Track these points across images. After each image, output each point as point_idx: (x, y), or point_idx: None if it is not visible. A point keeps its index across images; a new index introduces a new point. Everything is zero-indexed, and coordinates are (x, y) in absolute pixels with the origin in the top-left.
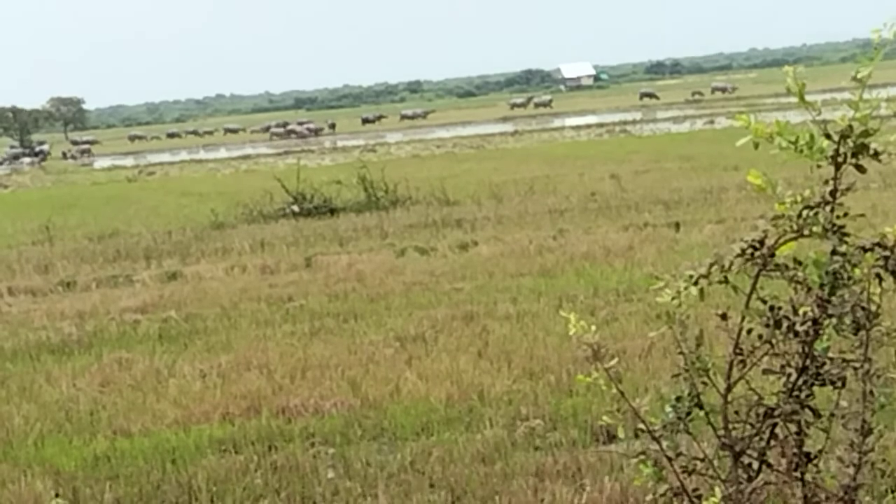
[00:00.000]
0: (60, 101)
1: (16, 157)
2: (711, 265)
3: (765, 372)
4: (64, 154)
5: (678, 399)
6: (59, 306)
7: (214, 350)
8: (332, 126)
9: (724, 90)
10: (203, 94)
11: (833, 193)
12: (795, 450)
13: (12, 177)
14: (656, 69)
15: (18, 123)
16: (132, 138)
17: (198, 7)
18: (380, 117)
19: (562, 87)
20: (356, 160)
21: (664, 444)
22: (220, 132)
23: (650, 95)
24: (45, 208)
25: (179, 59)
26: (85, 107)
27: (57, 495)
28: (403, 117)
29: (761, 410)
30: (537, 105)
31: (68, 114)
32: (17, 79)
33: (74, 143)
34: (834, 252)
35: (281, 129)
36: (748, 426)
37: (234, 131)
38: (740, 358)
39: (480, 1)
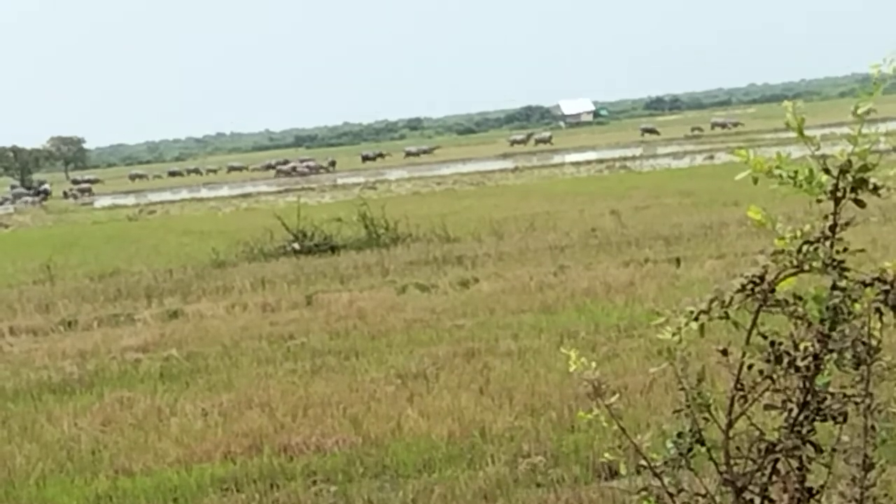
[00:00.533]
0: (61, 141)
1: (19, 196)
2: (712, 301)
3: (766, 407)
4: (65, 193)
5: (680, 435)
6: (60, 345)
7: (216, 388)
8: (332, 164)
9: (723, 125)
10: (203, 132)
11: (833, 228)
12: (797, 485)
13: (13, 216)
14: (656, 105)
15: (19, 163)
16: (133, 177)
17: (197, 46)
18: (380, 155)
19: (561, 123)
20: (356, 198)
21: (666, 480)
22: (223, 170)
23: (651, 131)
24: (46, 247)
25: (179, 98)
26: (85, 146)
27: None
28: (408, 154)
29: (763, 446)
30: (538, 141)
31: (69, 153)
32: (17, 118)
33: (75, 182)
34: (834, 287)
35: (285, 167)
36: (750, 462)
37: (238, 169)
38: (741, 393)
39: (480, 38)
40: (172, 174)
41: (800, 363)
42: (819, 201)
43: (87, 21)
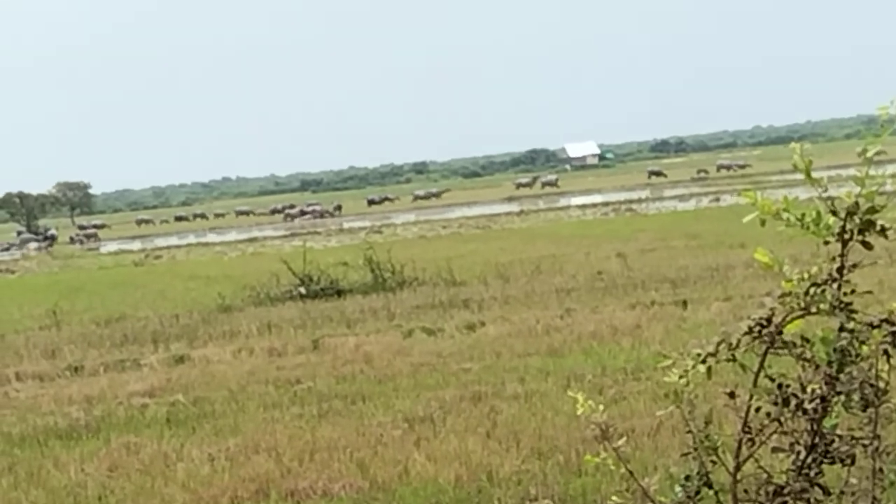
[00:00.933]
0: (67, 186)
1: (25, 242)
2: (719, 343)
3: (774, 450)
4: (71, 239)
5: (687, 478)
6: (66, 391)
7: (223, 433)
8: (338, 208)
9: (728, 168)
10: (209, 176)
11: (840, 270)
12: None
13: (19, 262)
14: (661, 147)
15: (25, 208)
16: (139, 222)
17: (202, 90)
18: (386, 198)
19: (567, 166)
20: (362, 242)
21: None
22: (231, 214)
23: (658, 174)
24: (52, 293)
25: (185, 143)
26: (91, 191)
27: None
28: (416, 198)
29: (771, 489)
30: (544, 184)
31: (75, 198)
32: (23, 164)
33: (81, 227)
34: (842, 329)
35: (293, 211)
36: None
37: (246, 213)
38: (749, 436)
39: (484, 81)
40: (179, 219)
41: (807, 405)
42: (826, 243)
43: (91, 67)
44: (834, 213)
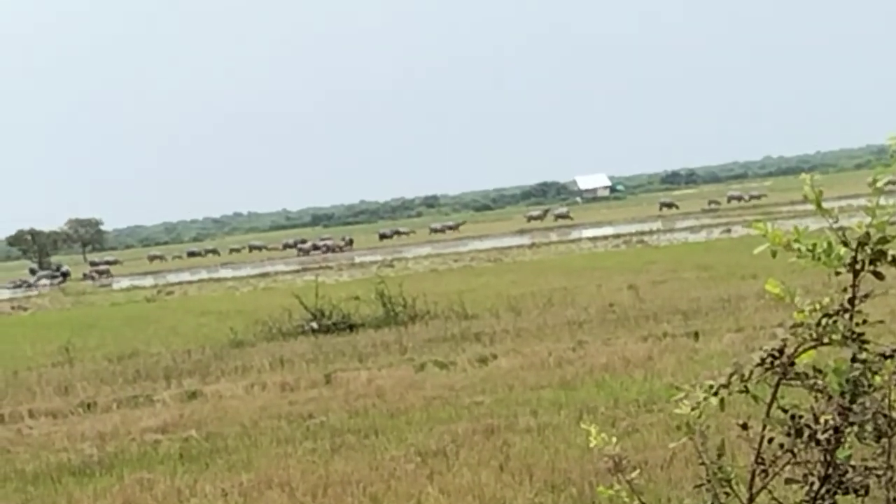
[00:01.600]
0: (78, 223)
1: (39, 279)
2: (731, 375)
3: (787, 481)
4: (84, 275)
5: None
6: (79, 428)
7: (235, 469)
8: (350, 242)
9: (739, 199)
10: (220, 212)
11: (851, 301)
12: None
13: (32, 298)
14: (672, 179)
15: (37, 245)
16: (152, 258)
17: (212, 126)
18: (397, 232)
19: (578, 198)
20: (374, 276)
21: None
22: (245, 250)
23: (669, 205)
24: (65, 329)
25: (196, 178)
26: (103, 228)
27: None
28: (433, 231)
29: None
30: (557, 217)
31: (86, 235)
32: (35, 201)
33: (93, 264)
34: (854, 359)
35: (305, 246)
36: None
37: (259, 248)
38: (762, 467)
39: (494, 115)
40: (191, 255)
41: (820, 436)
42: (838, 273)
43: (101, 105)
44: (845, 243)
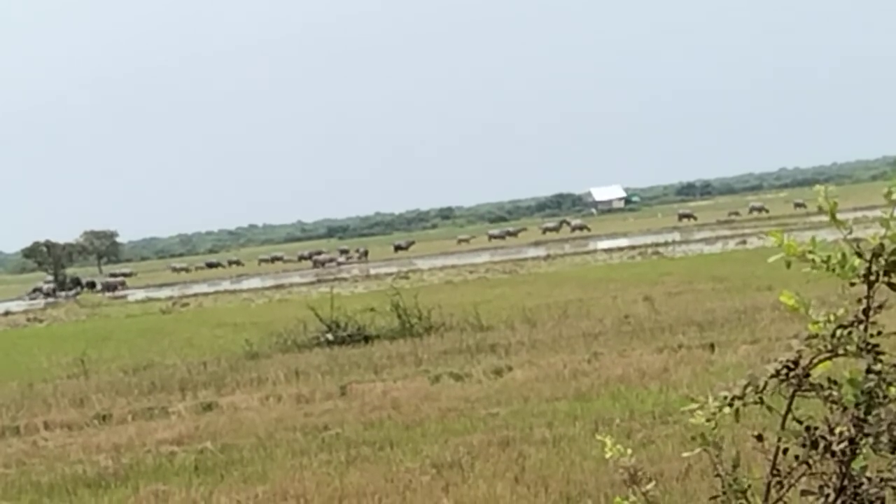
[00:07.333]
0: (94, 235)
1: (71, 287)
2: (746, 386)
3: (803, 493)
4: (100, 286)
5: None
6: (95, 440)
7: (251, 481)
8: (365, 253)
9: (760, 210)
10: (235, 224)
11: (866, 312)
12: None
13: (47, 311)
14: (687, 190)
15: (53, 258)
16: (176, 269)
17: (226, 137)
18: (412, 243)
19: (593, 210)
20: (389, 287)
21: None
22: (266, 260)
23: (688, 216)
24: (80, 342)
25: (211, 190)
26: (118, 239)
27: None
28: (491, 237)
29: None
30: (574, 228)
31: (102, 247)
32: (50, 213)
33: (112, 275)
34: (869, 370)
35: (322, 257)
36: None
37: (279, 259)
38: (778, 479)
39: (509, 127)
40: (211, 266)
41: (836, 448)
42: (852, 284)
43: (116, 116)
44: (859, 254)
